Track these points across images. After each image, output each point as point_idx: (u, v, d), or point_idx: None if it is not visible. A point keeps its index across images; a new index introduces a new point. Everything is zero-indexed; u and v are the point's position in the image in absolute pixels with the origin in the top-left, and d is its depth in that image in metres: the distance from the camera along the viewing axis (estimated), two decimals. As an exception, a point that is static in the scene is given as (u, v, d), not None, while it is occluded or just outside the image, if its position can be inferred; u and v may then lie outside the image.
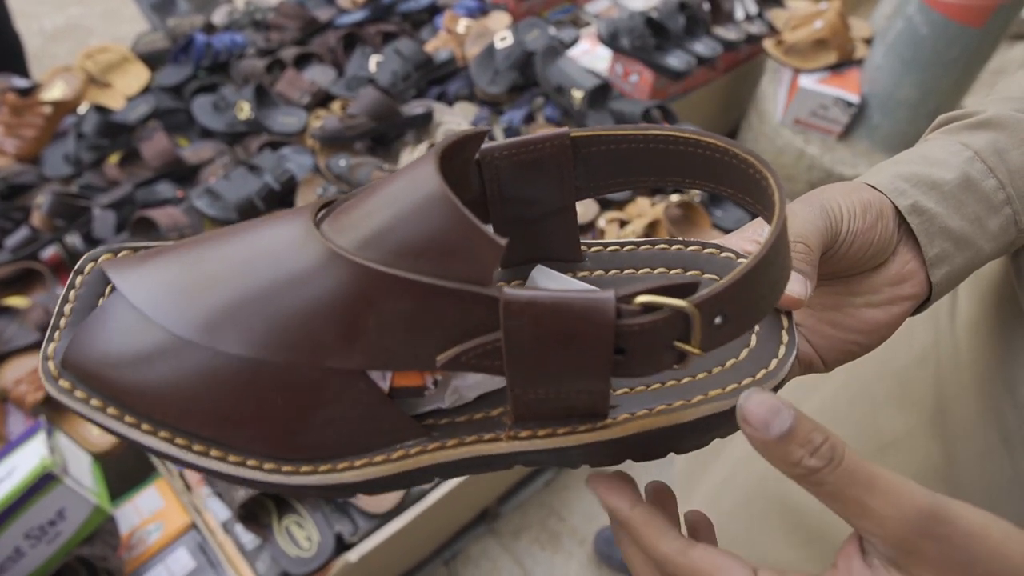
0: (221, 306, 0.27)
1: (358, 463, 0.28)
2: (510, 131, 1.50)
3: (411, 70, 1.56)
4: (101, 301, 0.30)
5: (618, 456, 0.29)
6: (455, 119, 1.52)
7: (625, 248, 0.33)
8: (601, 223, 1.37)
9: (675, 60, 1.61)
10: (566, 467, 0.30)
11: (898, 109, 1.60)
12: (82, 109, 1.43)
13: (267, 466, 0.28)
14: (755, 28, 1.78)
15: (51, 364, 0.28)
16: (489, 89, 1.58)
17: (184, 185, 1.39)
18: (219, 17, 1.78)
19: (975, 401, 0.45)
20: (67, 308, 0.29)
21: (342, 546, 1.03)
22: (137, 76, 1.57)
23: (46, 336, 0.29)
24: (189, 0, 2.03)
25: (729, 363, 0.30)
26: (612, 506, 0.28)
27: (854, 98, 1.62)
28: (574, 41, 1.72)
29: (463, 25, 1.69)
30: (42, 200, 1.21)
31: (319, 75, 1.59)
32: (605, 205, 1.42)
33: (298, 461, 0.28)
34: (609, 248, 0.33)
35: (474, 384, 0.30)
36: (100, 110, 1.41)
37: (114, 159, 1.39)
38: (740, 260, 0.32)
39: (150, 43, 1.65)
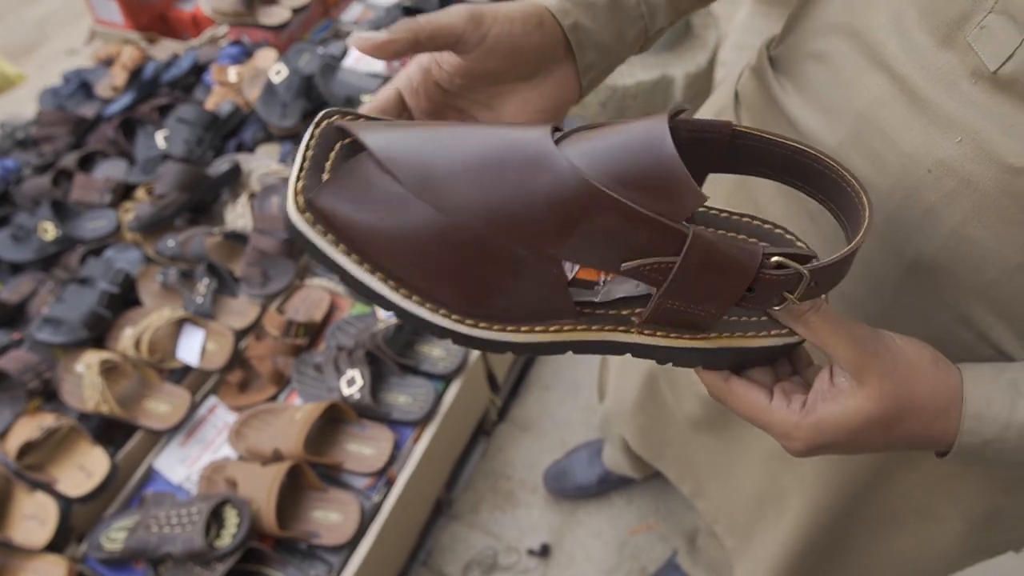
0: (450, 170, 0.34)
1: (524, 328, 0.36)
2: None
3: (201, 132, 1.55)
4: (331, 154, 0.36)
5: (703, 360, 0.40)
6: (263, 162, 1.53)
7: (722, 214, 0.42)
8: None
9: (442, 37, 1.69)
10: (664, 362, 0.39)
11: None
12: None
13: (454, 317, 0.35)
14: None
15: (300, 199, 0.34)
16: (283, 124, 1.59)
17: (15, 327, 1.32)
18: (-22, 151, 1.68)
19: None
20: (308, 154, 0.35)
21: (323, 585, 1.05)
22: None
23: (293, 174, 0.34)
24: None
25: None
26: (709, 382, 0.41)
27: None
28: (344, 53, 1.76)
29: (233, 73, 1.69)
30: None
31: (111, 170, 1.54)
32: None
33: (480, 319, 0.35)
34: (712, 211, 0.42)
35: (622, 288, 0.38)
36: None
37: (-71, 329, 1.31)
38: (788, 235, 0.41)
39: (-85, 202, 1.53)
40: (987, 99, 0.39)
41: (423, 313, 0.35)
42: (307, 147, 0.35)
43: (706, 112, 0.68)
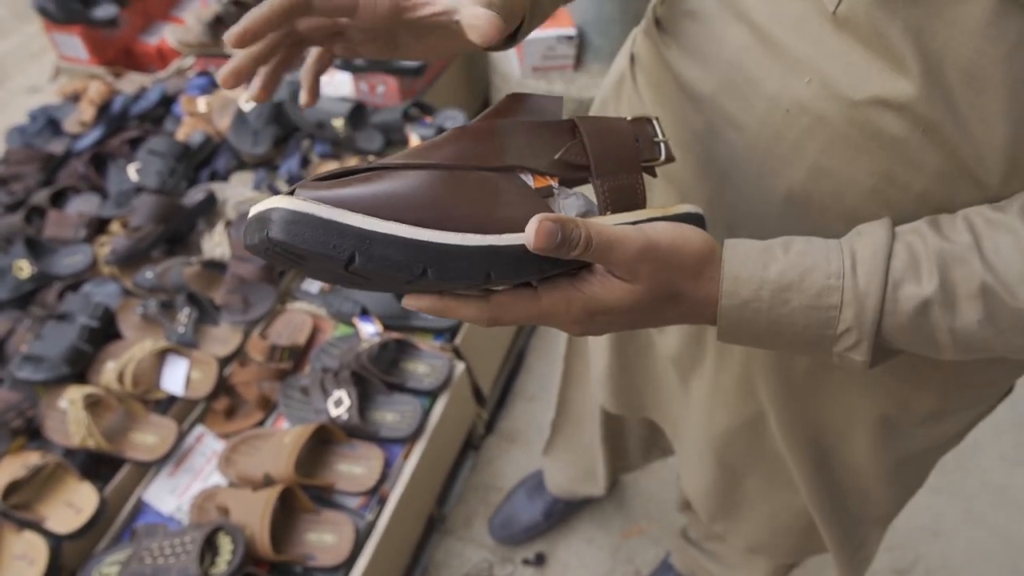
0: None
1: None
2: (292, 179, 1.54)
3: (174, 163, 1.55)
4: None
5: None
6: (237, 191, 1.54)
7: None
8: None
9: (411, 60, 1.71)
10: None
11: (610, 26, 1.81)
12: None
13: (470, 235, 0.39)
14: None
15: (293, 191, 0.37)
16: (255, 151, 1.60)
17: (-6, 367, 1.31)
18: (-55, 193, 1.66)
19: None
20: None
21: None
22: None
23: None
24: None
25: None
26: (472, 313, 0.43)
27: (571, 31, 1.80)
28: (313, 77, 1.78)
29: (203, 103, 1.70)
30: None
31: (83, 205, 1.54)
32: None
33: (490, 232, 0.39)
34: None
35: (571, 206, 0.45)
36: None
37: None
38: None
39: None
40: (830, 39, 0.43)
41: (445, 238, 0.38)
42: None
43: (610, 76, 0.73)
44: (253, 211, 0.37)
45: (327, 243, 0.35)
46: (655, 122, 0.49)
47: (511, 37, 0.48)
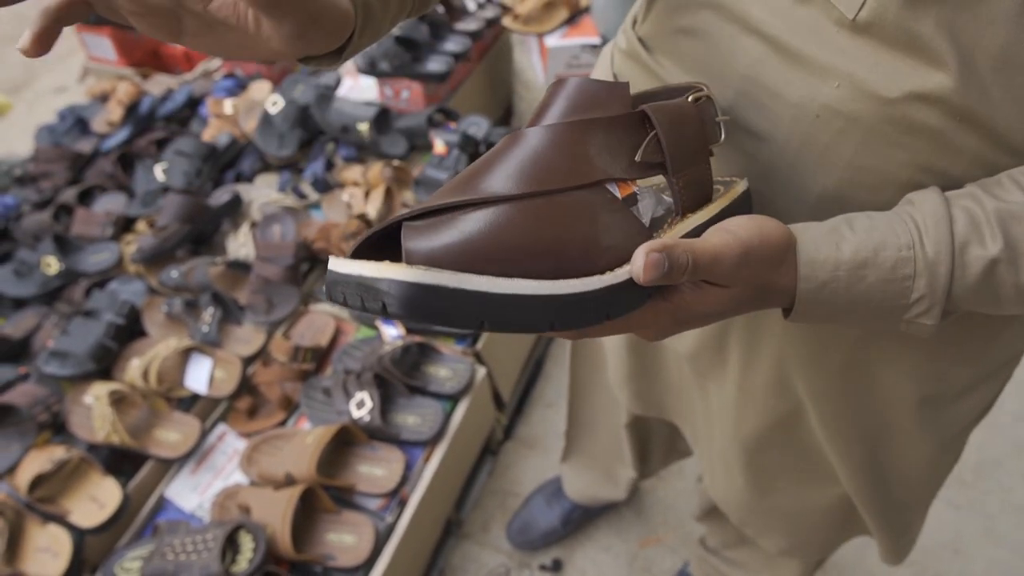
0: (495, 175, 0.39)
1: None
2: (317, 183, 1.56)
3: (200, 164, 1.57)
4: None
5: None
6: (262, 192, 1.55)
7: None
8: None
9: (435, 64, 1.72)
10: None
11: (632, 37, 1.82)
12: None
13: (589, 278, 0.37)
14: (489, 13, 1.94)
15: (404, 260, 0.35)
16: (280, 154, 1.62)
17: (20, 361, 1.33)
18: (-25, 189, 1.68)
19: None
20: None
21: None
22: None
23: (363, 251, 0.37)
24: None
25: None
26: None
27: (596, 40, 1.81)
28: (338, 82, 1.79)
29: (229, 106, 1.72)
30: None
31: (110, 204, 1.56)
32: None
33: (599, 266, 0.38)
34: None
35: (648, 207, 0.44)
36: None
37: (-67, 367, 1.30)
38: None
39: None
40: (852, 44, 0.44)
41: (572, 287, 0.37)
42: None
43: None
44: (355, 272, 0.34)
45: (451, 315, 0.34)
46: (712, 97, 0.46)
47: (337, 52, 0.45)
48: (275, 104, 1.62)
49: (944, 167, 0.45)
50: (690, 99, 0.44)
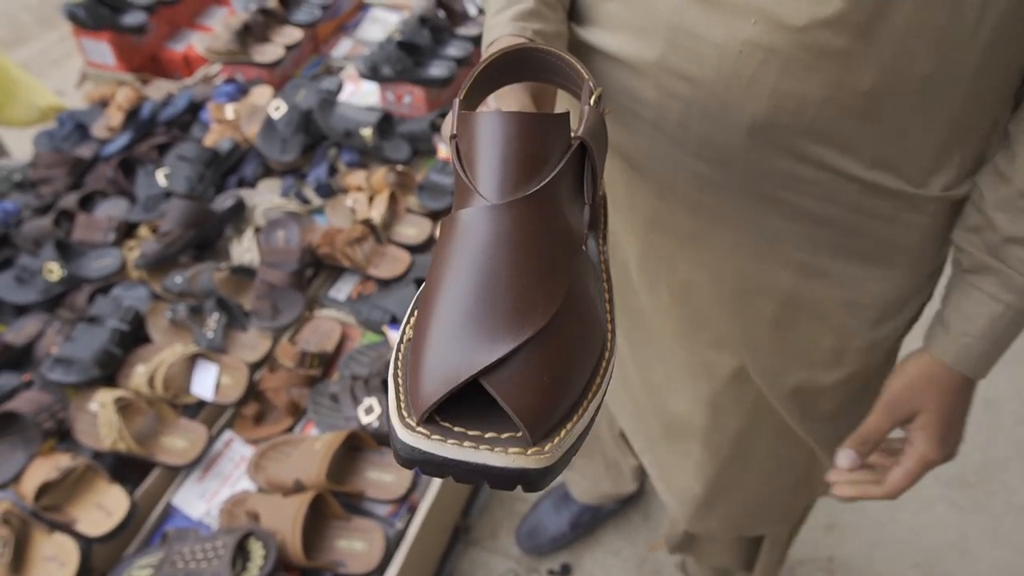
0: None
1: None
2: (321, 188, 1.55)
3: (202, 169, 1.56)
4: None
5: None
6: (265, 197, 1.54)
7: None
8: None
9: (437, 69, 1.72)
10: None
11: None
12: None
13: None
14: (489, 18, 1.94)
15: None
16: (283, 159, 1.61)
17: (23, 369, 1.31)
18: (-26, 195, 1.67)
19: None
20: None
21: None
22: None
23: (392, 404, 0.33)
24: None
25: None
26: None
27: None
28: (340, 87, 1.79)
29: (231, 110, 1.71)
30: None
31: (112, 209, 1.55)
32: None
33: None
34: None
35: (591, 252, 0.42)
36: None
37: (-66, 375, 1.29)
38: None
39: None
40: None
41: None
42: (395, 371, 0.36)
43: None
44: (391, 421, 0.33)
45: (465, 475, 0.32)
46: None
47: None
48: (278, 109, 1.61)
49: (854, 82, 0.50)
50: (592, 102, 0.41)
